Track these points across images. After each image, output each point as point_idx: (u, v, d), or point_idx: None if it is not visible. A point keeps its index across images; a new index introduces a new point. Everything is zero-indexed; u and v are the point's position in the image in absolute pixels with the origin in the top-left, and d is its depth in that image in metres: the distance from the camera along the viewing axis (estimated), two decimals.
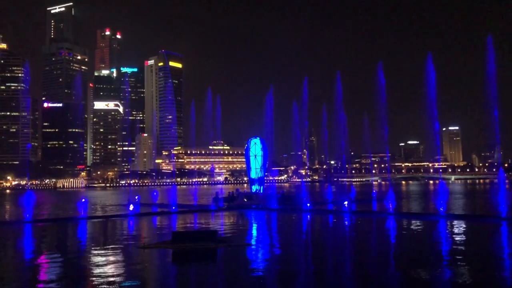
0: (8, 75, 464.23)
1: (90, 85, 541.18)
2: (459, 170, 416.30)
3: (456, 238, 37.28)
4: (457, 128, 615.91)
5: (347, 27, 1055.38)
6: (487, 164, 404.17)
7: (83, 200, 61.74)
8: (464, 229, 43.32)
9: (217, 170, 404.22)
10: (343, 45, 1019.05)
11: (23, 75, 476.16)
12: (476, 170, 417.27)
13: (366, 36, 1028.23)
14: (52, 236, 44.86)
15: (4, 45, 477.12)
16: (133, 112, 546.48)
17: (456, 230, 42.09)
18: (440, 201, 51.45)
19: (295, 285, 22.12)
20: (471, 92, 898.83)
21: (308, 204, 66.00)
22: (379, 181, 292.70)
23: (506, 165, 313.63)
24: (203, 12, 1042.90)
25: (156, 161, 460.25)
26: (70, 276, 24.58)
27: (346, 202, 63.39)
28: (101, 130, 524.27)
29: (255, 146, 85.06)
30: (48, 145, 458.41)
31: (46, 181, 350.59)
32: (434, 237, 38.26)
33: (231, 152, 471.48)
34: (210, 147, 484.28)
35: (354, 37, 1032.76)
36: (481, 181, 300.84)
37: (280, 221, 55.66)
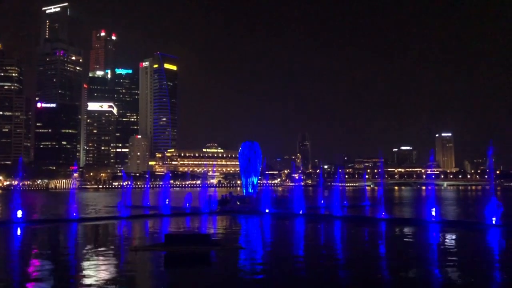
0: (2, 74, 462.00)
1: (84, 86, 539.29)
2: (451, 176, 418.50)
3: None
4: (450, 134, 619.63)
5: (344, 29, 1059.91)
6: (479, 171, 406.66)
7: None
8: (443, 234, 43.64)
9: (210, 173, 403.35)
10: (339, 48, 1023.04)
11: (17, 75, 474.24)
12: (469, 176, 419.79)
13: (360, 36, 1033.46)
14: (43, 237, 44.64)
15: None
16: (127, 114, 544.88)
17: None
18: (430, 208, 51.61)
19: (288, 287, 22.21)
20: (465, 99, 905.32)
21: (301, 211, 66.00)
22: (372, 186, 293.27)
23: (498, 172, 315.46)
24: (199, 15, 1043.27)
25: (150, 163, 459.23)
26: (58, 278, 24.46)
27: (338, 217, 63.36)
28: (95, 131, 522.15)
29: (249, 150, 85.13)
30: (41, 146, 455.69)
31: (38, 182, 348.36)
32: (421, 242, 38.53)
33: (224, 155, 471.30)
34: (204, 149, 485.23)
35: (350, 40, 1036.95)
36: (473, 187, 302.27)
37: (272, 225, 55.72)
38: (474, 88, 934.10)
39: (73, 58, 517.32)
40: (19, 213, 51.89)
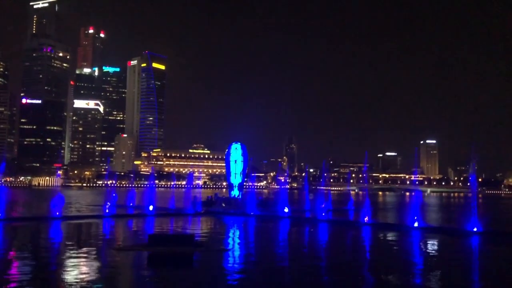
0: None
1: (71, 83, 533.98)
2: (435, 183, 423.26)
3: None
4: (434, 141, 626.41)
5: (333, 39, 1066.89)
6: (462, 178, 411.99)
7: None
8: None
9: (196, 174, 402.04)
10: (328, 55, 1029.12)
11: (1, 69, 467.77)
12: (452, 183, 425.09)
13: (348, 42, 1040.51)
14: (25, 235, 44.15)
15: None
16: (114, 112, 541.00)
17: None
18: (414, 213, 52.21)
19: None
20: (450, 106, 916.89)
21: (286, 211, 66.40)
22: (356, 190, 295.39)
23: (480, 179, 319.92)
24: (189, 15, 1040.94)
25: (135, 162, 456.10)
26: (39, 277, 24.27)
27: (323, 213, 64.05)
28: (80, 129, 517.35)
29: (236, 151, 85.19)
30: (25, 142, 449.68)
31: (21, 179, 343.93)
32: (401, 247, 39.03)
33: (211, 156, 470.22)
34: (190, 150, 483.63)
35: (340, 46, 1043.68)
36: (456, 194, 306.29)
37: (257, 227, 55.86)
38: (459, 96, 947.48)
39: (60, 54, 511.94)
40: (2, 210, 51.24)
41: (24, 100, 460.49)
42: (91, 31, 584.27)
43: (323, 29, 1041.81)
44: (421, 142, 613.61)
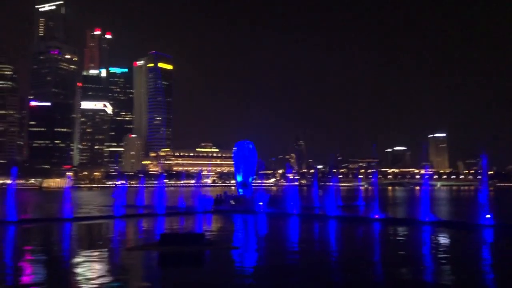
0: None
1: (79, 84, 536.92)
2: (444, 176, 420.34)
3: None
4: (443, 135, 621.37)
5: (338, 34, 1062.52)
6: (472, 171, 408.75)
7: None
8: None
9: (205, 173, 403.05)
10: (331, 51, 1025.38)
11: (10, 73, 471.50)
12: (462, 177, 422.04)
13: (354, 37, 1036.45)
14: (37, 236, 44.49)
15: None
16: (122, 113, 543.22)
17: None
18: (424, 208, 51.88)
19: None
20: (459, 99, 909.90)
21: (295, 211, 66.12)
22: (366, 186, 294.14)
23: (491, 172, 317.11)
24: (195, 14, 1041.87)
25: (144, 162, 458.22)
26: (53, 278, 24.47)
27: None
28: (89, 130, 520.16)
29: (244, 149, 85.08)
30: (35, 144, 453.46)
31: (31, 181, 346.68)
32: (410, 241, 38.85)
33: (219, 155, 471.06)
34: (199, 149, 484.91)
35: (345, 43, 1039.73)
36: (466, 188, 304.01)
37: (267, 224, 55.85)
38: (468, 89, 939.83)
39: (68, 56, 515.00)
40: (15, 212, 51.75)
41: (32, 103, 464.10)
42: (97, 32, 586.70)
43: (329, 26, 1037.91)
44: (430, 136, 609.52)
